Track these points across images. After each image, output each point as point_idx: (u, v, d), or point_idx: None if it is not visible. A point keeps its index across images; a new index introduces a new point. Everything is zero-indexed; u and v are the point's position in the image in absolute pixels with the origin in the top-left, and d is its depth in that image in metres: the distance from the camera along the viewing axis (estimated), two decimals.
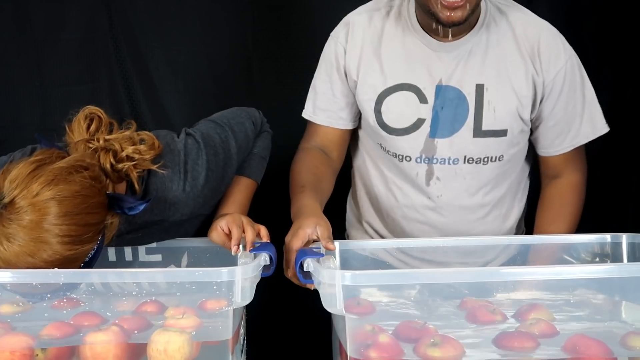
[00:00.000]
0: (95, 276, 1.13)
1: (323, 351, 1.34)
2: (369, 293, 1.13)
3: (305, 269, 1.18)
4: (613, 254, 1.39)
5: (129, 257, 1.44)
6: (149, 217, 1.34)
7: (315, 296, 1.11)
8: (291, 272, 1.25)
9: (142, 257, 1.44)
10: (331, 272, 1.06)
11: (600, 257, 1.40)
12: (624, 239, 1.40)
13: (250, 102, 1.98)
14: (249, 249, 1.29)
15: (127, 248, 1.44)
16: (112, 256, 1.42)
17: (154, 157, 1.32)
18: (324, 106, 1.58)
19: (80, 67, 1.96)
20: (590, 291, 1.14)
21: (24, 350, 1.07)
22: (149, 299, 1.18)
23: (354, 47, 1.52)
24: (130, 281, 1.16)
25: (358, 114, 1.59)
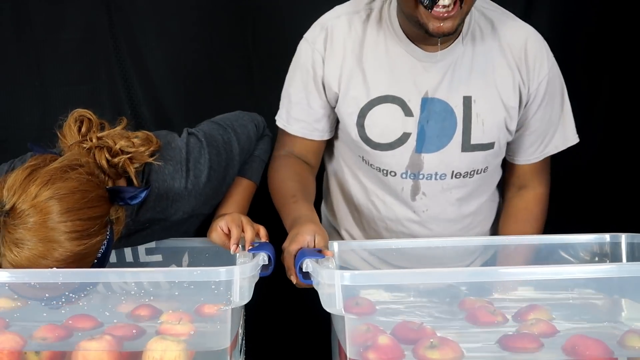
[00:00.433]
0: (92, 275, 1.13)
1: (322, 351, 1.34)
2: (368, 293, 1.13)
3: (304, 270, 1.18)
4: (612, 254, 1.39)
5: (129, 258, 1.45)
6: (151, 215, 1.34)
7: (314, 296, 1.11)
8: (295, 277, 1.22)
9: (143, 258, 1.44)
10: (330, 272, 1.06)
11: (600, 257, 1.40)
12: (623, 238, 1.40)
13: (250, 102, 1.99)
14: (247, 248, 1.29)
15: (127, 249, 1.44)
16: (113, 257, 1.42)
17: (151, 152, 1.33)
18: (299, 116, 1.50)
19: (80, 67, 1.96)
20: (589, 291, 1.14)
21: (12, 349, 1.07)
22: (145, 300, 1.17)
23: (334, 56, 1.44)
24: (130, 281, 1.16)
25: (335, 124, 1.53)
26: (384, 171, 1.47)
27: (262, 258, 1.21)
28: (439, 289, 1.16)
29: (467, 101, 1.41)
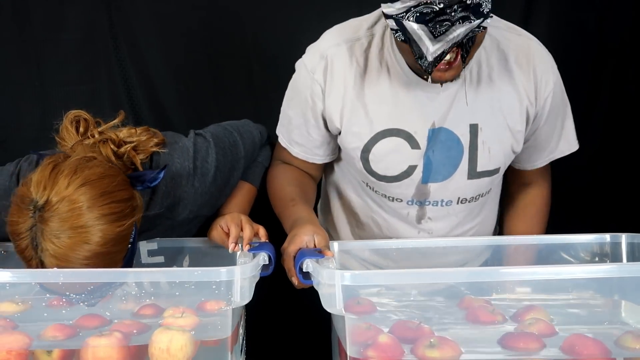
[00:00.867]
0: (94, 276, 1.13)
1: (323, 351, 1.34)
2: (369, 292, 1.13)
3: (304, 270, 1.18)
4: (612, 254, 1.39)
5: None
6: (159, 209, 1.35)
7: (314, 296, 1.11)
8: (297, 279, 1.21)
9: (145, 259, 1.44)
10: (330, 272, 1.07)
11: (600, 257, 1.40)
12: (624, 238, 1.40)
13: (250, 102, 2.00)
14: (245, 246, 1.29)
15: None
16: None
17: (155, 144, 1.35)
18: (299, 140, 1.47)
19: (80, 67, 1.96)
20: (589, 291, 1.14)
21: (20, 349, 1.07)
22: (147, 300, 1.18)
23: (335, 89, 1.38)
24: (130, 281, 1.16)
25: (336, 148, 1.49)
26: (390, 197, 1.46)
27: (263, 258, 1.22)
28: (439, 288, 1.16)
29: (473, 129, 1.38)
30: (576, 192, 1.94)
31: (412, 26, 1.17)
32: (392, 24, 1.20)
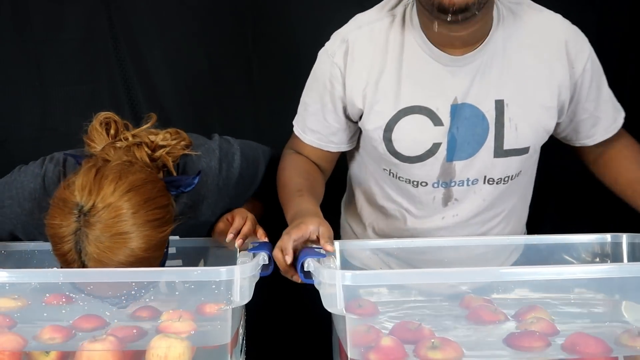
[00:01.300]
0: (93, 275, 1.13)
1: (323, 351, 1.34)
2: (370, 293, 1.13)
3: (305, 269, 1.17)
4: (613, 254, 1.39)
5: None
6: (184, 207, 1.36)
7: (315, 296, 1.11)
8: (297, 278, 1.19)
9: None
10: (331, 272, 1.06)
11: (600, 257, 1.40)
12: (624, 239, 1.39)
13: (250, 102, 2.00)
14: (239, 240, 1.30)
15: None
16: None
17: (184, 146, 1.36)
18: (315, 127, 1.46)
19: (80, 67, 1.96)
20: (590, 291, 1.14)
21: (14, 350, 1.07)
22: (146, 300, 1.18)
23: (356, 72, 1.37)
24: (130, 281, 1.16)
25: (353, 136, 1.48)
26: (414, 182, 1.42)
27: (263, 258, 1.21)
28: (440, 288, 1.16)
29: (499, 105, 1.35)
30: (577, 192, 1.94)
31: None
32: None
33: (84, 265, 1.15)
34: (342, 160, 1.59)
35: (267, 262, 1.23)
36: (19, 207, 1.33)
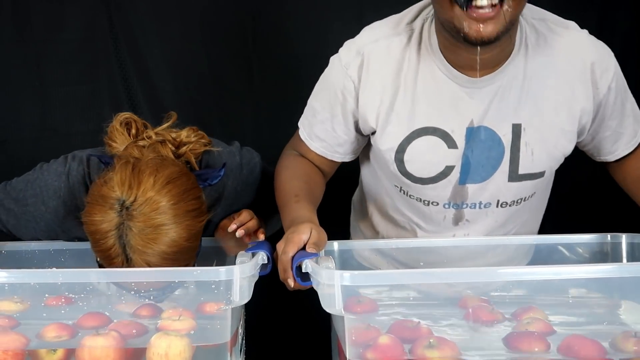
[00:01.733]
0: (93, 275, 1.14)
1: (322, 351, 1.34)
2: (369, 293, 1.13)
3: (303, 270, 1.17)
4: (613, 254, 1.39)
5: None
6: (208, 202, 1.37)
7: (314, 296, 1.11)
8: (293, 281, 1.17)
9: None
10: (330, 273, 1.06)
11: (600, 257, 1.40)
12: (624, 238, 1.39)
13: (250, 102, 2.00)
14: (241, 230, 1.32)
15: None
16: None
17: (204, 144, 1.38)
18: (322, 135, 1.40)
19: (80, 67, 1.96)
20: (589, 291, 1.13)
21: (17, 350, 1.07)
22: (146, 300, 1.18)
23: (370, 89, 1.31)
24: (130, 280, 1.16)
25: (359, 147, 1.43)
26: (425, 201, 1.39)
27: (262, 257, 1.21)
28: (439, 288, 1.15)
29: (516, 129, 1.30)
30: (576, 192, 1.94)
31: None
32: None
33: (127, 259, 1.17)
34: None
35: (266, 262, 1.23)
36: (43, 205, 1.34)
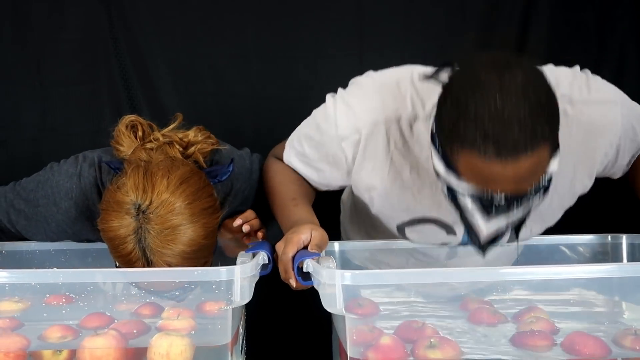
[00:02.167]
0: (93, 275, 1.14)
1: (323, 351, 1.34)
2: (370, 293, 1.13)
3: (304, 270, 1.17)
4: (613, 255, 1.39)
5: None
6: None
7: (315, 296, 1.11)
8: (295, 280, 1.17)
9: None
10: (331, 272, 1.06)
11: (601, 257, 1.40)
12: (624, 239, 1.40)
13: (250, 102, 2.00)
14: (247, 225, 1.32)
15: None
16: None
17: (212, 143, 1.38)
18: (311, 176, 1.37)
19: (80, 67, 1.95)
20: (589, 291, 1.14)
21: (18, 351, 1.07)
22: (146, 300, 1.18)
23: (365, 173, 1.28)
24: (130, 281, 1.17)
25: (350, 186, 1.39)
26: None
27: (262, 257, 1.21)
28: (441, 289, 1.16)
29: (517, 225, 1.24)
30: None
31: (466, 202, 1.10)
32: (442, 173, 1.11)
33: (148, 261, 1.18)
34: None
35: (266, 262, 1.23)
36: (54, 207, 1.34)
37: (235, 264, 1.16)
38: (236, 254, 1.27)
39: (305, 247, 1.20)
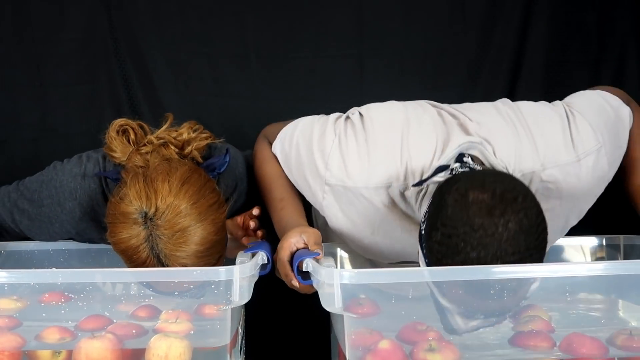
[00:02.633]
0: (93, 275, 1.14)
1: (322, 352, 1.34)
2: (369, 293, 1.12)
3: (304, 269, 1.17)
4: (609, 256, 1.39)
5: None
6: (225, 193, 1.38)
7: (314, 296, 1.11)
8: (296, 282, 1.18)
9: None
10: (330, 271, 1.06)
11: (598, 258, 1.40)
12: (621, 240, 1.40)
13: (250, 102, 2.00)
14: (254, 222, 1.33)
15: None
16: None
17: (206, 137, 1.38)
18: (286, 174, 1.39)
19: (80, 67, 1.95)
20: (586, 290, 1.14)
21: (13, 350, 1.07)
22: (145, 300, 1.18)
23: (343, 225, 1.32)
24: (130, 281, 1.16)
25: None
26: None
27: (261, 257, 1.21)
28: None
29: None
30: None
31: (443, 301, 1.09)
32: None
33: (164, 266, 1.17)
34: None
35: (265, 262, 1.23)
36: (59, 207, 1.34)
37: (234, 264, 1.16)
38: (235, 254, 1.27)
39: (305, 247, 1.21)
